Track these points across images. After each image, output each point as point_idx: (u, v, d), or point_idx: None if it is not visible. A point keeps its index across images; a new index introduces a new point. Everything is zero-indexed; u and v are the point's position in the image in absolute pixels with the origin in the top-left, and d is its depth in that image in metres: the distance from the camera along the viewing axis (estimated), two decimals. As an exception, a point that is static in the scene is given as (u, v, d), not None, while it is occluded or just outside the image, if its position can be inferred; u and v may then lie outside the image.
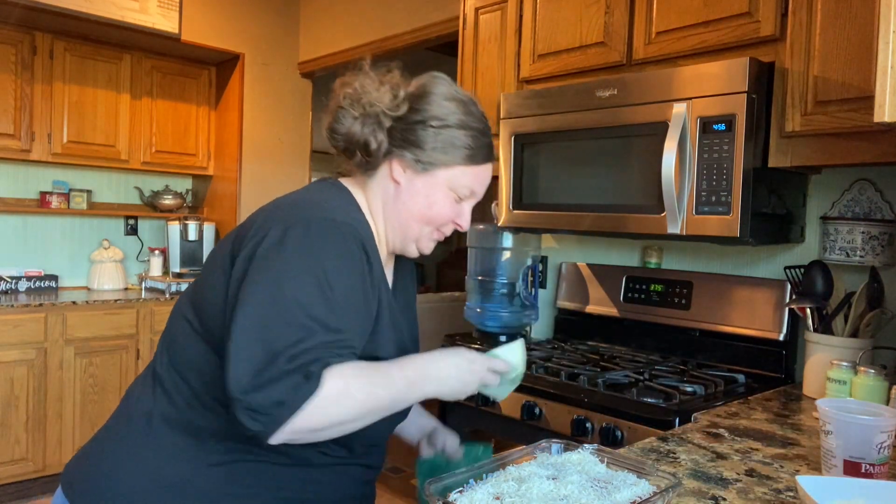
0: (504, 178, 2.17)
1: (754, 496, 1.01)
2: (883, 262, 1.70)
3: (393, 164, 1.09)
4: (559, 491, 0.82)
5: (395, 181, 1.10)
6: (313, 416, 0.88)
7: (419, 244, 1.14)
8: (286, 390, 0.86)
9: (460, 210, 1.13)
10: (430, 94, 1.09)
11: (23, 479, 3.24)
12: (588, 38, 2.06)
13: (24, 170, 3.78)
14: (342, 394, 0.90)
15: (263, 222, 1.00)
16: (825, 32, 1.55)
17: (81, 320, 3.38)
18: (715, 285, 2.02)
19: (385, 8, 3.65)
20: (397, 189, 1.10)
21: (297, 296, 0.91)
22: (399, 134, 1.08)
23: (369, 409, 0.93)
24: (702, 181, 1.67)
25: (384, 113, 1.07)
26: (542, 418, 1.77)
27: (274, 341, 0.88)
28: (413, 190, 1.09)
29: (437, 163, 1.08)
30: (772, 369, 1.89)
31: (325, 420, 0.89)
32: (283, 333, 0.89)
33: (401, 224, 1.11)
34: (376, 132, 1.08)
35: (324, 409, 0.88)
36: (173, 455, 1.01)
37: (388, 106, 1.07)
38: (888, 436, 1.00)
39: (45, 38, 3.54)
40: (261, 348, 0.88)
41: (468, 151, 1.09)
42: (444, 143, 1.07)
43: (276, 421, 0.86)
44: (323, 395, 0.88)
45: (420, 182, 1.09)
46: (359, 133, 1.08)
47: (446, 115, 1.08)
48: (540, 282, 2.55)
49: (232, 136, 4.15)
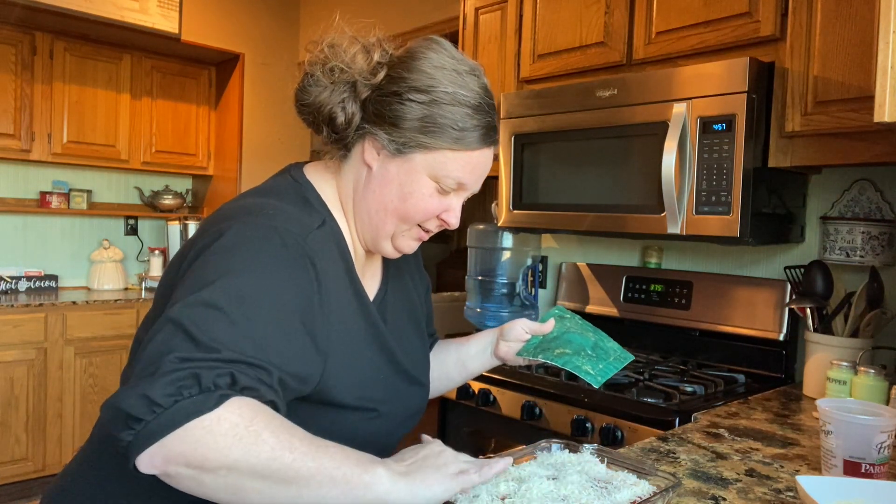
0: (504, 178, 2.17)
1: (754, 496, 1.01)
2: (883, 262, 1.70)
3: (366, 144, 0.90)
4: (559, 491, 0.82)
5: (367, 165, 0.91)
6: (196, 442, 0.65)
7: (395, 243, 0.95)
8: (168, 391, 0.65)
9: (447, 204, 0.92)
10: (417, 59, 0.89)
11: (23, 479, 3.24)
12: (588, 38, 2.06)
13: (24, 170, 3.78)
14: (246, 429, 0.66)
15: (200, 232, 0.85)
16: (825, 32, 1.55)
17: (81, 320, 3.38)
18: (715, 285, 2.02)
19: (385, 8, 3.65)
20: (368, 174, 0.91)
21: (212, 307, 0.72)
22: (372, 107, 0.89)
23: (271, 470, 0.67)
24: (702, 181, 1.67)
25: (360, 81, 0.89)
26: (542, 418, 1.77)
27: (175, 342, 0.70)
28: (386, 176, 0.89)
29: (414, 144, 0.87)
30: (772, 369, 1.89)
31: (208, 454, 0.66)
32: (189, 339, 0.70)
33: (370, 217, 0.92)
34: (347, 103, 0.89)
35: (212, 436, 0.65)
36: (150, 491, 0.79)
37: (360, 71, 0.89)
38: (888, 436, 0.99)
39: (45, 38, 3.54)
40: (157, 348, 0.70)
41: (455, 132, 0.87)
42: (426, 120, 0.87)
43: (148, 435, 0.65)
44: (219, 416, 0.66)
45: (394, 167, 0.89)
46: (325, 102, 0.89)
47: (431, 85, 0.87)
48: (540, 282, 2.55)
49: (232, 136, 4.15)
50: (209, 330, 0.71)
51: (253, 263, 0.78)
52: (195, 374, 0.67)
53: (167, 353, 0.68)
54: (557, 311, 1.19)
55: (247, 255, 0.78)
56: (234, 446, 0.66)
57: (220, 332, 0.71)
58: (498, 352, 1.15)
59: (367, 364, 0.92)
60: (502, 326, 1.16)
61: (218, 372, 0.68)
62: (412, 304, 1.10)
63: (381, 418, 0.93)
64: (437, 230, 0.96)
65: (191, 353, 0.69)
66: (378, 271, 1.05)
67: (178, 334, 0.70)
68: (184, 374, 0.67)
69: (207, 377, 0.67)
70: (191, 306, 0.73)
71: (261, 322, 0.74)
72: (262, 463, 0.66)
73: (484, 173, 0.95)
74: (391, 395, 0.96)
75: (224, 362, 0.69)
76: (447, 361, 1.20)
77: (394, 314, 1.03)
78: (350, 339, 0.89)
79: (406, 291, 1.10)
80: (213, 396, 0.67)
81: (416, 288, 1.14)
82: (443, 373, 1.20)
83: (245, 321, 0.73)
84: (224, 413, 0.67)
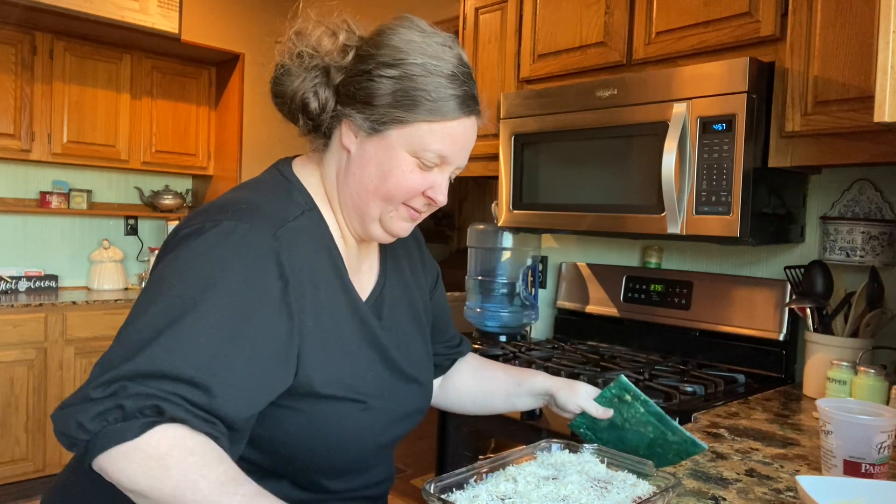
0: (504, 178, 2.17)
1: (754, 496, 1.01)
2: (883, 262, 1.70)
3: (343, 129, 0.89)
4: (559, 491, 0.82)
5: (345, 149, 0.90)
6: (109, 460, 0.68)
7: (385, 226, 0.92)
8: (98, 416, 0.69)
9: (431, 180, 0.90)
10: (385, 35, 0.88)
11: (23, 479, 3.24)
12: (588, 38, 2.06)
13: (24, 170, 3.78)
14: (155, 462, 0.68)
15: (173, 232, 0.85)
16: (825, 32, 1.55)
17: (81, 320, 3.38)
18: (715, 285, 2.02)
19: (385, 8, 3.65)
20: (348, 159, 0.90)
21: (162, 317, 0.73)
22: (344, 88, 0.88)
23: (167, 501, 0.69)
24: (702, 181, 1.67)
25: (330, 65, 0.88)
26: (542, 418, 1.77)
27: (118, 357, 0.71)
28: (364, 157, 0.88)
29: (388, 120, 0.85)
30: (772, 369, 1.89)
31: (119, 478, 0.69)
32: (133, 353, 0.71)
33: (353, 201, 0.91)
34: (319, 88, 0.88)
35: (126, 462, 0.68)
36: None
37: (327, 53, 0.88)
38: (888, 436, 1.00)
39: (45, 38, 3.54)
40: (105, 359, 0.72)
41: (429, 104, 0.85)
42: (398, 94, 0.85)
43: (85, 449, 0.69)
44: (134, 444, 0.68)
45: (371, 147, 0.87)
46: (297, 89, 0.88)
47: (400, 59, 0.85)
48: (540, 282, 2.55)
49: (232, 136, 4.15)
50: (152, 351, 0.71)
51: (204, 273, 0.77)
52: (124, 401, 0.69)
53: (107, 370, 0.71)
54: (616, 391, 1.06)
55: (202, 264, 0.77)
56: (143, 476, 0.68)
57: (161, 352, 0.71)
58: (551, 407, 1.16)
59: (356, 358, 0.91)
60: (557, 387, 1.12)
61: (147, 397, 0.70)
62: (412, 300, 1.08)
63: (370, 411, 0.91)
64: (426, 209, 0.93)
65: (126, 373, 0.70)
66: (375, 265, 1.03)
67: (121, 351, 0.72)
68: (112, 400, 0.69)
69: (133, 404, 0.69)
70: (139, 322, 0.74)
71: (208, 337, 0.74)
72: (166, 498, 0.69)
73: (467, 145, 0.91)
74: (383, 391, 0.94)
75: (158, 383, 0.70)
76: (495, 395, 1.21)
77: (391, 310, 1.01)
78: (335, 331, 0.88)
79: (406, 287, 1.07)
80: (136, 424, 0.69)
81: (417, 283, 1.11)
82: (487, 402, 1.23)
83: (189, 339, 0.73)
84: (141, 442, 0.69)
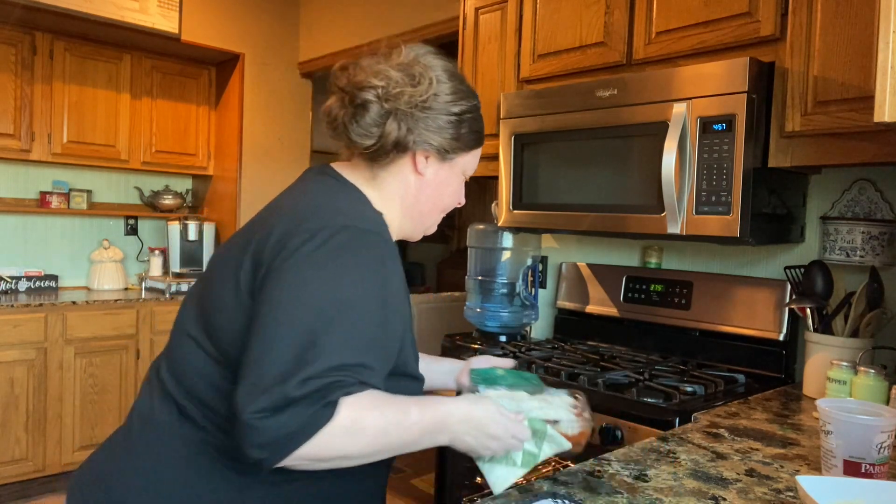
0: (504, 178, 2.17)
1: (754, 496, 1.01)
2: (883, 262, 1.70)
3: (417, 156, 1.05)
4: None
5: (418, 173, 1.07)
6: (320, 446, 0.83)
7: (429, 230, 1.15)
8: (302, 419, 0.81)
9: (462, 188, 1.15)
10: (453, 80, 1.06)
11: (23, 479, 3.24)
12: (588, 38, 2.06)
13: (24, 170, 3.78)
14: (354, 427, 0.84)
15: (282, 236, 0.92)
16: (825, 32, 1.55)
17: (81, 320, 3.38)
18: (715, 285, 2.02)
19: (385, 8, 3.65)
20: (421, 181, 1.07)
21: (319, 317, 0.85)
22: (423, 124, 1.03)
23: (376, 449, 0.88)
24: (702, 181, 1.67)
25: (413, 105, 1.02)
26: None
27: (291, 362, 0.82)
28: (438, 180, 1.08)
29: (458, 151, 1.08)
30: (772, 369, 1.89)
31: (330, 452, 0.84)
32: (302, 355, 0.83)
33: (423, 216, 1.11)
34: (401, 123, 1.02)
35: (331, 440, 0.83)
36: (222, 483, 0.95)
37: (414, 97, 1.01)
38: (888, 436, 1.00)
39: (45, 38, 3.54)
40: (276, 369, 0.82)
41: (477, 136, 1.11)
42: (465, 130, 1.07)
43: (282, 451, 0.81)
44: (335, 424, 0.83)
45: (443, 171, 1.08)
46: (392, 129, 1.02)
47: (469, 102, 1.07)
48: (540, 282, 2.55)
49: (232, 136, 4.15)
50: (317, 344, 0.84)
51: (343, 270, 0.89)
52: (315, 391, 0.82)
53: (289, 375, 0.81)
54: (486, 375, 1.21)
55: (338, 262, 0.90)
56: (347, 443, 0.85)
57: (326, 344, 0.84)
58: (460, 377, 1.29)
59: (413, 344, 1.08)
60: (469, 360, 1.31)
61: (329, 383, 0.83)
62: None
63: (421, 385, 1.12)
64: None
65: (307, 371, 0.82)
66: None
67: (293, 350, 0.83)
68: (306, 395, 0.81)
69: (322, 392, 0.82)
70: (300, 320, 0.85)
71: (356, 326, 0.88)
72: (365, 450, 0.88)
73: None
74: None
75: (333, 371, 0.83)
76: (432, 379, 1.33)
77: None
78: (407, 320, 1.04)
79: None
80: (330, 408, 0.83)
81: None
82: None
83: (343, 329, 0.86)
84: (341, 417, 0.83)
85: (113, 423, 3.49)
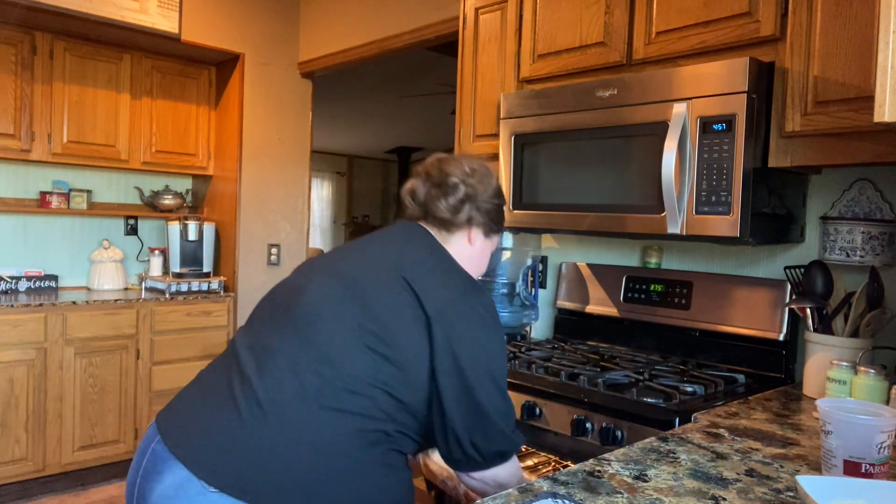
0: (504, 178, 2.17)
1: (754, 496, 1.01)
2: (883, 262, 1.70)
3: (472, 231, 1.38)
4: None
5: (471, 243, 1.39)
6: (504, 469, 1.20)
7: None
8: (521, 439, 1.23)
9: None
10: (496, 181, 1.43)
11: (23, 479, 3.24)
12: (588, 38, 2.06)
13: (24, 170, 3.78)
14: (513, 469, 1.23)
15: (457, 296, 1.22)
16: (825, 32, 1.55)
17: (81, 320, 3.38)
18: (715, 285, 2.02)
19: (385, 8, 3.65)
20: (471, 249, 1.39)
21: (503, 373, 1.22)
22: (485, 213, 1.39)
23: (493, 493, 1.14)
24: (702, 181, 1.67)
25: (481, 196, 1.38)
26: (543, 418, 1.77)
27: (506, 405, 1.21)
28: (484, 251, 1.42)
29: (497, 230, 1.43)
30: (772, 369, 1.89)
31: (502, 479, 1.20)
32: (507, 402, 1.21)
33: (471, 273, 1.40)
34: (472, 208, 1.37)
35: (507, 469, 1.20)
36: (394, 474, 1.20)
37: (483, 192, 1.38)
38: (888, 436, 1.00)
39: (45, 38, 3.54)
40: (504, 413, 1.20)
41: (504, 223, 1.47)
42: (501, 218, 1.43)
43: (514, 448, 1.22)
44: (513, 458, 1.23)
45: (488, 246, 1.42)
46: (466, 212, 1.37)
47: (502, 197, 1.43)
48: (540, 282, 2.55)
49: (232, 136, 4.15)
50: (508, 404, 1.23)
51: (499, 338, 1.23)
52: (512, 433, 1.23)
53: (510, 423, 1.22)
54: None
55: (497, 330, 1.24)
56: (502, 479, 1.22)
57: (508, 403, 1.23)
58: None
59: None
60: None
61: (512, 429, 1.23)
62: None
63: None
64: None
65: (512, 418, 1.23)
66: None
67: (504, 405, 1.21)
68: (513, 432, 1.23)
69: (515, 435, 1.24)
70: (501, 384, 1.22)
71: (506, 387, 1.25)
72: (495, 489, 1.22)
73: None
74: None
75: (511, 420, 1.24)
76: None
77: None
78: None
79: None
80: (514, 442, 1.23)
81: None
82: None
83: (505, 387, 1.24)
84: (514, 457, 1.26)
85: (113, 423, 3.50)
